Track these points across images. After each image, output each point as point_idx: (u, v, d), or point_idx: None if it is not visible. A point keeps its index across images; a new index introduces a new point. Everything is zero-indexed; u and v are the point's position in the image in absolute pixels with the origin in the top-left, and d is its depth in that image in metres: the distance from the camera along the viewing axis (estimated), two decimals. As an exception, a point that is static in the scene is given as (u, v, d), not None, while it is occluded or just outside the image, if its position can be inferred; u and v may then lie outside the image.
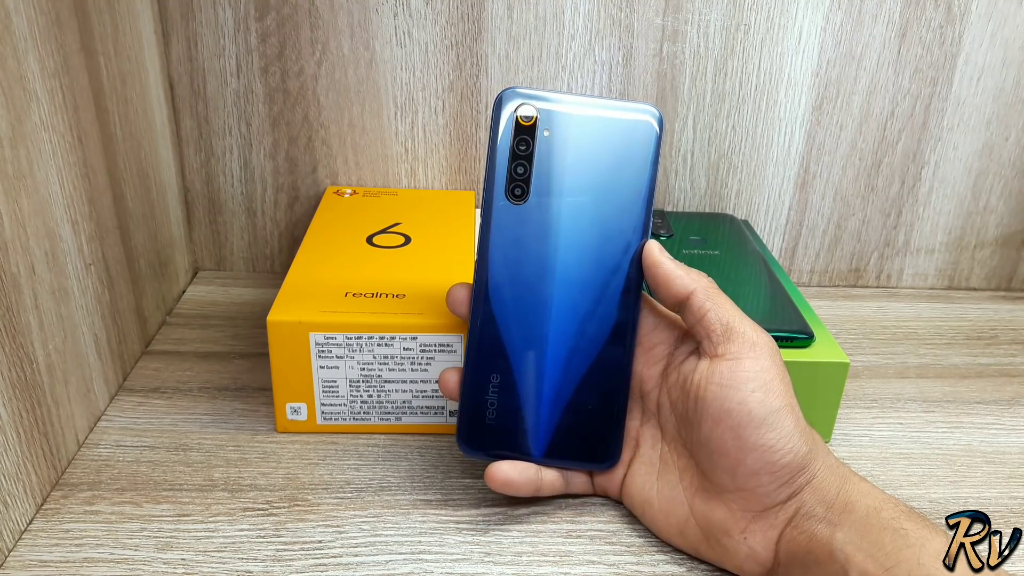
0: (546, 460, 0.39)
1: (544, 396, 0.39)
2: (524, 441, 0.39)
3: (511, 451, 0.39)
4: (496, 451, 0.39)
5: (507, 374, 0.39)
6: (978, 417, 0.50)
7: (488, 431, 0.39)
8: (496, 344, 0.38)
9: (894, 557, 0.31)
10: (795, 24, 0.57)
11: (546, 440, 0.39)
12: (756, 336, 0.36)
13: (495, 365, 0.39)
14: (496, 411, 0.39)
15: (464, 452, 0.40)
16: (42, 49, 0.39)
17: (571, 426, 0.39)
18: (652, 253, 0.38)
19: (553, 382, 0.39)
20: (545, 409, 0.39)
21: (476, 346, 0.38)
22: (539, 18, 0.56)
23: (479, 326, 0.38)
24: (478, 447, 0.39)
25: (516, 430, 0.39)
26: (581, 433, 0.39)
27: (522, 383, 0.39)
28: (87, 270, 0.44)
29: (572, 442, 0.39)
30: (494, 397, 0.39)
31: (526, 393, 0.39)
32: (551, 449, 0.39)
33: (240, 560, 0.37)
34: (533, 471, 0.39)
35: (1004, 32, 0.58)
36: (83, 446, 0.43)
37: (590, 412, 0.39)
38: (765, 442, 0.34)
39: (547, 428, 0.39)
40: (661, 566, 0.38)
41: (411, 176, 0.61)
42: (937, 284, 0.66)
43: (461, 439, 0.39)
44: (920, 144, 0.61)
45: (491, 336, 0.38)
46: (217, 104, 0.57)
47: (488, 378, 0.39)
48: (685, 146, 0.60)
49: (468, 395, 0.39)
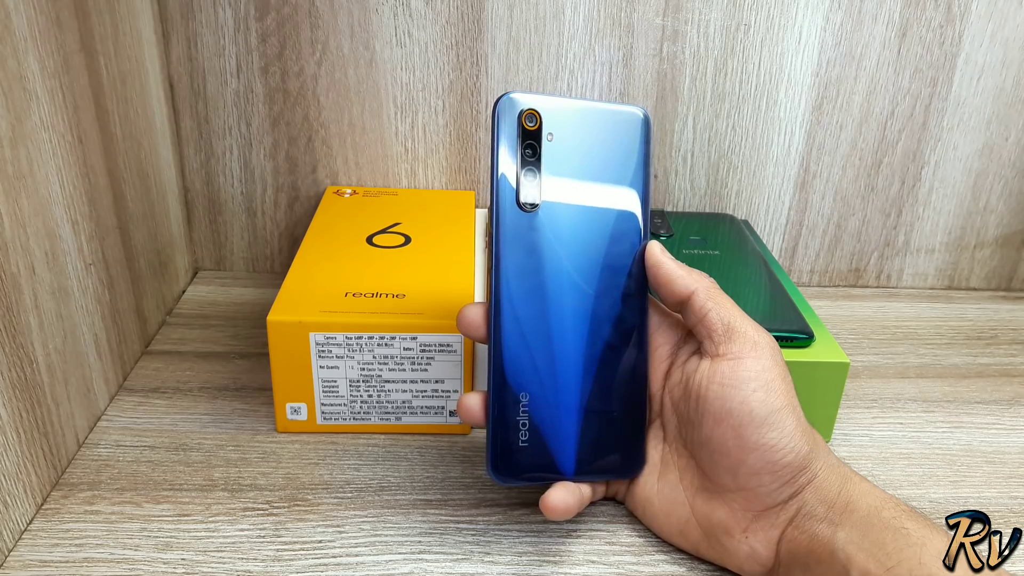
0: (578, 477, 0.37)
1: (573, 411, 0.37)
2: (556, 461, 0.37)
3: (545, 472, 0.37)
4: (529, 475, 0.37)
5: (537, 392, 0.36)
6: (978, 417, 0.50)
7: (521, 455, 0.36)
8: (523, 362, 0.36)
9: (895, 557, 0.31)
10: (795, 24, 0.57)
11: (574, 456, 0.37)
12: (757, 336, 0.36)
13: (524, 384, 0.36)
14: (528, 432, 0.36)
15: (497, 481, 0.37)
16: (42, 49, 0.39)
17: (597, 438, 0.37)
18: (654, 253, 0.38)
19: (581, 395, 0.37)
20: (573, 424, 0.37)
21: (503, 366, 0.36)
22: (539, 18, 0.56)
23: (503, 344, 0.36)
24: (511, 474, 0.37)
25: (549, 450, 0.37)
26: (608, 444, 0.38)
27: (555, 400, 0.37)
28: (87, 270, 0.44)
29: (600, 455, 0.38)
30: (525, 418, 0.36)
31: (558, 410, 0.37)
32: (580, 465, 0.37)
33: (240, 560, 0.37)
34: (577, 490, 0.37)
35: (1004, 32, 0.58)
36: (83, 446, 0.43)
37: (615, 421, 0.38)
38: (766, 441, 0.34)
39: (575, 444, 0.37)
40: (661, 566, 0.38)
41: (411, 176, 0.61)
42: (937, 284, 0.66)
43: (494, 468, 0.36)
44: (920, 144, 0.61)
45: (517, 354, 0.36)
46: (217, 104, 0.57)
47: (518, 398, 0.36)
48: (685, 146, 0.60)
49: (498, 419, 0.36)
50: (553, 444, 0.37)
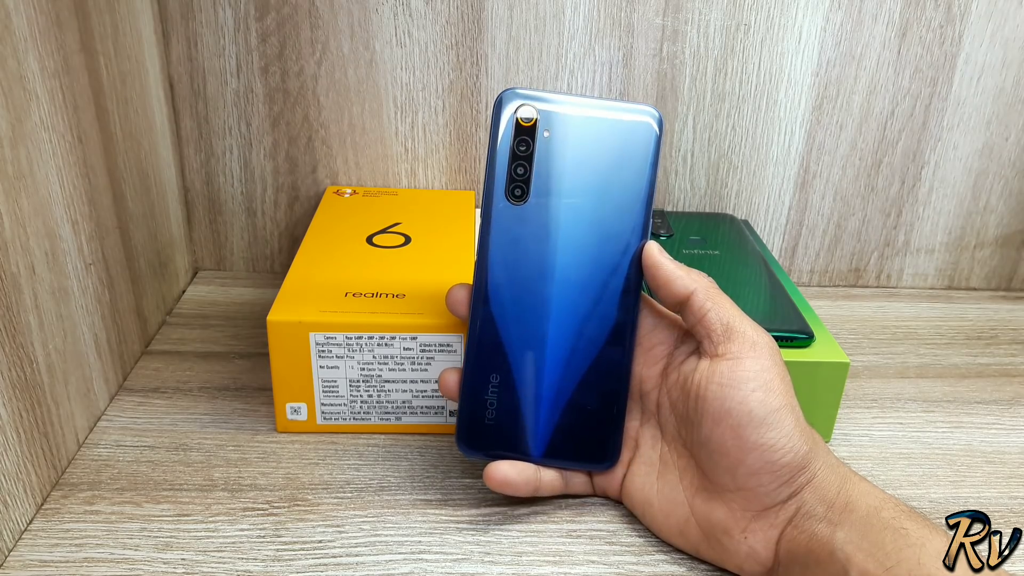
0: (545, 460, 0.40)
1: (543, 396, 0.39)
2: (523, 441, 0.39)
3: (510, 451, 0.39)
4: (495, 451, 0.39)
5: (507, 374, 0.39)
6: (978, 417, 0.50)
7: (487, 431, 0.39)
8: (496, 344, 0.38)
9: (894, 557, 0.31)
10: (795, 24, 0.57)
11: (545, 440, 0.39)
12: (756, 336, 0.36)
13: (495, 365, 0.39)
14: (496, 411, 0.39)
15: (463, 452, 0.40)
16: (42, 49, 0.39)
17: (570, 426, 0.39)
18: (652, 254, 0.38)
19: (552, 382, 0.39)
20: (544, 409, 0.39)
21: (476, 346, 0.39)
22: (539, 18, 0.56)
23: (479, 326, 0.38)
24: (477, 447, 0.39)
25: (515, 430, 0.39)
26: (580, 433, 0.39)
27: (521, 383, 0.39)
28: (87, 270, 0.44)
29: (571, 442, 0.39)
30: (493, 397, 0.39)
31: (525, 393, 0.39)
32: (550, 449, 0.39)
33: (240, 560, 0.37)
34: (532, 471, 0.39)
35: (1004, 32, 0.58)
36: (83, 446, 0.43)
37: (589, 412, 0.39)
38: (765, 441, 0.34)
39: (546, 428, 0.39)
40: (661, 566, 0.38)
41: (411, 176, 0.61)
42: (937, 284, 0.66)
43: (460, 439, 0.39)
44: (920, 144, 0.61)
45: (491, 336, 0.38)
46: (217, 104, 0.57)
47: (488, 378, 0.39)
48: (685, 146, 0.60)
49: (468, 395, 0.39)
50: (520, 424, 0.39)
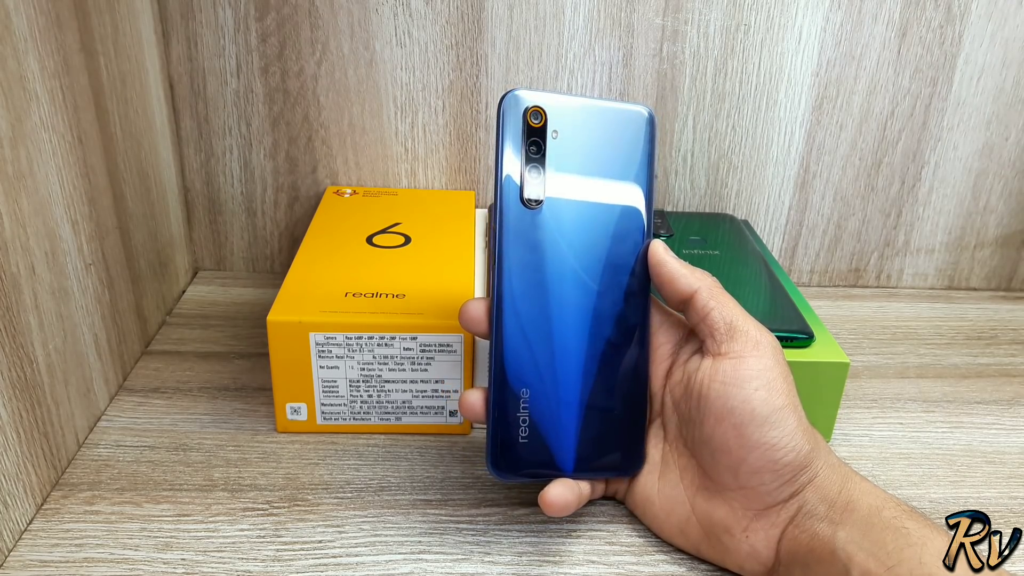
0: (576, 474, 0.37)
1: (573, 408, 0.37)
2: (556, 457, 0.37)
3: (544, 469, 0.37)
4: (529, 471, 0.37)
5: (538, 388, 0.36)
6: (978, 417, 0.50)
7: (521, 451, 0.36)
8: (524, 357, 0.36)
9: (896, 556, 0.31)
10: (795, 24, 0.57)
11: (574, 453, 0.37)
12: (759, 335, 0.36)
13: (525, 380, 0.36)
14: (528, 428, 0.36)
15: (497, 477, 0.37)
16: (42, 49, 0.39)
17: (597, 436, 0.37)
18: (657, 252, 0.38)
19: (581, 392, 0.37)
20: (573, 421, 0.37)
21: (503, 361, 0.36)
22: (539, 18, 0.56)
23: (504, 340, 0.36)
24: (511, 470, 0.37)
25: (548, 447, 0.37)
26: (607, 442, 0.38)
27: (554, 396, 0.37)
28: (87, 270, 0.43)
29: (599, 452, 0.38)
30: (525, 414, 0.36)
31: (557, 407, 0.37)
32: (579, 462, 0.37)
33: (240, 560, 0.37)
34: (576, 487, 0.37)
35: (1004, 32, 0.58)
36: (83, 446, 0.43)
37: (615, 419, 0.38)
38: (768, 440, 0.34)
39: (574, 441, 0.37)
40: (661, 566, 0.38)
41: (411, 176, 0.61)
42: (937, 284, 0.66)
43: (494, 464, 0.36)
44: (920, 144, 0.61)
45: (518, 350, 0.36)
46: (217, 104, 0.57)
47: (518, 394, 0.36)
48: (685, 146, 0.60)
49: (498, 415, 0.36)
50: (553, 441, 0.37)
